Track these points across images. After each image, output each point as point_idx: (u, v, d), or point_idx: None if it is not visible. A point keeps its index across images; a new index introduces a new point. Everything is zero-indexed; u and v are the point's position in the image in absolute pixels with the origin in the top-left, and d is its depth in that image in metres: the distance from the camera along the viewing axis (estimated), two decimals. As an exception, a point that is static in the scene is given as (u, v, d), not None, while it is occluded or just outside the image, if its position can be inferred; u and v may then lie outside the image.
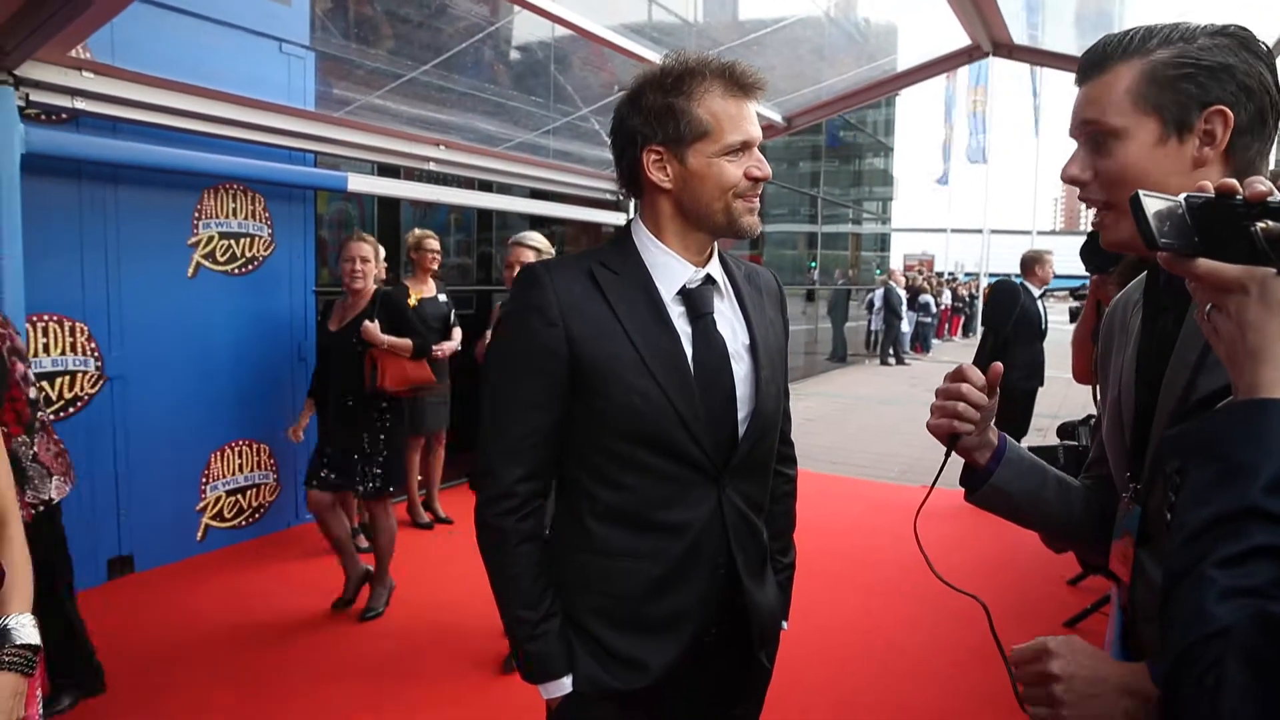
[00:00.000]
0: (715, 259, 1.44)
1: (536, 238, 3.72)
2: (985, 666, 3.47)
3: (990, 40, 4.63)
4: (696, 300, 1.38)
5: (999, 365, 1.16)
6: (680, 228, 1.38)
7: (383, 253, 4.75)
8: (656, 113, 1.32)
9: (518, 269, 2.67)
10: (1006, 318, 1.23)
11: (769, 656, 1.54)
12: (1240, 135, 0.97)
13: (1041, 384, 6.01)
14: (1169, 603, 0.69)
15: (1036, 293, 5.94)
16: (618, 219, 7.15)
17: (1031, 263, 6.02)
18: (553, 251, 3.75)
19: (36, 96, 3.49)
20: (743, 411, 1.39)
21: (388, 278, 4.94)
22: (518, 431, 1.35)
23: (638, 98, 1.35)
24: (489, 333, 4.99)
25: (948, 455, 1.17)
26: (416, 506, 5.33)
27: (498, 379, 1.38)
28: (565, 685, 1.37)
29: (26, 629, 1.37)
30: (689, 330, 1.37)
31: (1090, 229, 2.61)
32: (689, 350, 1.35)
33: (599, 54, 5.81)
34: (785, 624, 1.61)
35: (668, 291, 1.37)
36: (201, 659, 3.46)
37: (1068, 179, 1.08)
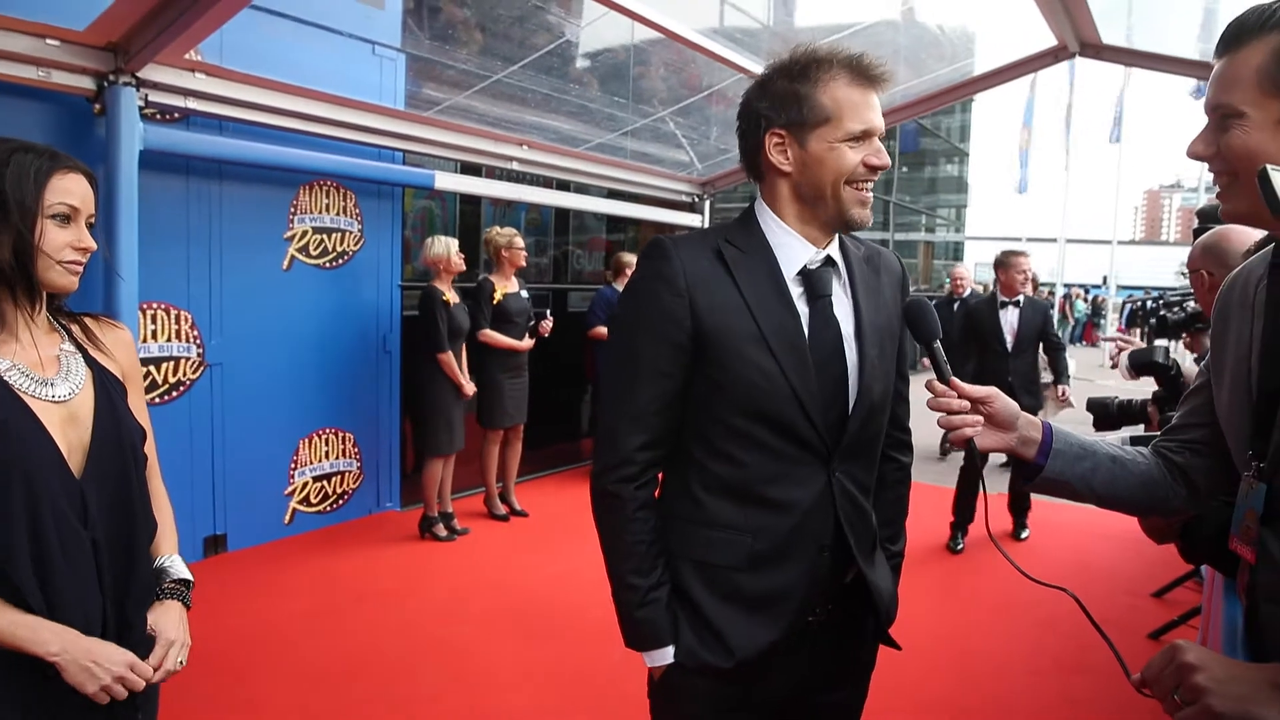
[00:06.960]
0: (835, 241, 1.46)
1: None
2: (1065, 676, 3.41)
3: (1078, 40, 4.55)
4: (816, 282, 1.40)
5: (943, 380, 1.27)
6: (797, 211, 1.41)
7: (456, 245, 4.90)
8: (782, 97, 1.36)
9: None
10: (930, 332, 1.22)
11: (885, 640, 1.54)
12: None
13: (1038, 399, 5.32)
14: None
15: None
16: (693, 220, 7.20)
17: (997, 267, 5.33)
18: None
19: (154, 97, 3.71)
20: (851, 393, 1.41)
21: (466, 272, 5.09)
22: (643, 398, 1.37)
23: (766, 83, 1.39)
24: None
25: (968, 458, 1.23)
26: (493, 498, 5.44)
27: (623, 346, 1.40)
28: (669, 654, 1.39)
29: (179, 566, 1.55)
30: (806, 311, 1.39)
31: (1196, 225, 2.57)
32: (806, 331, 1.38)
33: (679, 56, 5.88)
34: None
35: (789, 271, 1.40)
36: (290, 636, 3.61)
37: (1192, 155, 1.09)
